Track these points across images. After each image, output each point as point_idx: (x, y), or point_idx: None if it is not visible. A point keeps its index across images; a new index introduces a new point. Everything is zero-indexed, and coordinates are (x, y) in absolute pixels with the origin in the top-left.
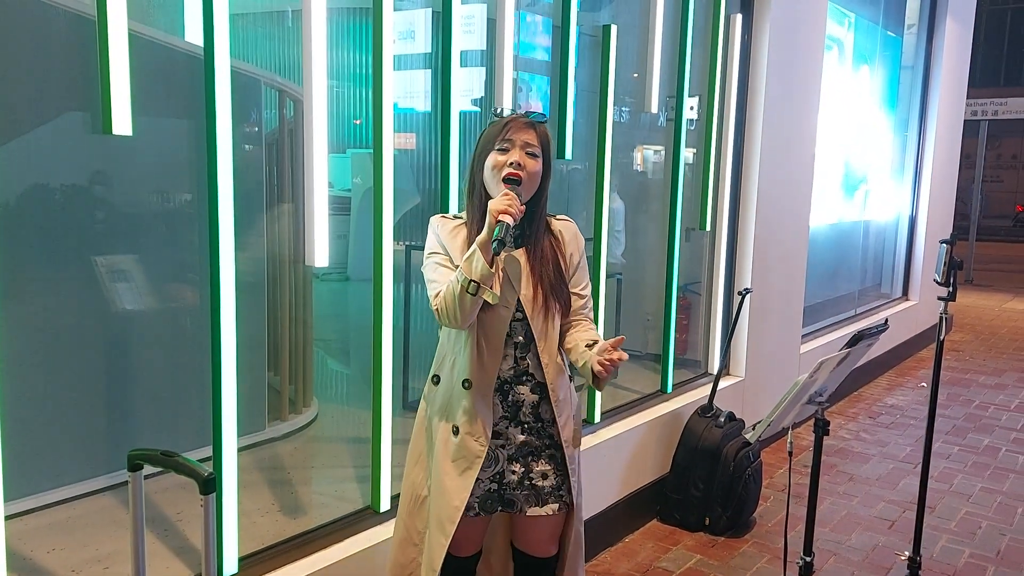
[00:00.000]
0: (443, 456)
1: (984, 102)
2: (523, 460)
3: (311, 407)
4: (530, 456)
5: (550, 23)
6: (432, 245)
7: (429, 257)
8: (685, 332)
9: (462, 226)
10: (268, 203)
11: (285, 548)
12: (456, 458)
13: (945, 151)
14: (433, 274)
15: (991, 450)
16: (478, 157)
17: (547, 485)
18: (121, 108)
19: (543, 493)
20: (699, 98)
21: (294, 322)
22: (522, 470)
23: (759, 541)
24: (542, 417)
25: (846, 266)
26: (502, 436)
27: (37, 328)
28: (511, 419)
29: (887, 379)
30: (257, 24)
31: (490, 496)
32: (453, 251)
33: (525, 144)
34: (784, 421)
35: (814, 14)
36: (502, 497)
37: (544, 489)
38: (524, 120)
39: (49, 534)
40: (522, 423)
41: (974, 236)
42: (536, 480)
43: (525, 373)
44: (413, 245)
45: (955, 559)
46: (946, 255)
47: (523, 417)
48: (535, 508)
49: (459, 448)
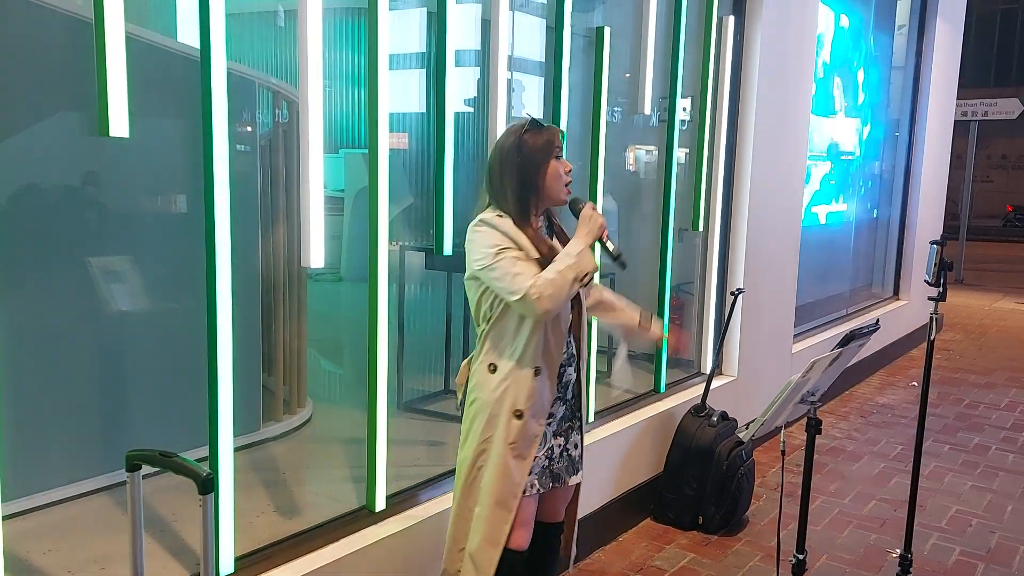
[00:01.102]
0: (504, 439)
1: (974, 103)
2: (564, 434)
3: (305, 407)
4: (568, 429)
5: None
6: (499, 240)
7: (501, 252)
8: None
9: (514, 223)
10: (262, 204)
11: (281, 548)
12: (517, 440)
13: (936, 151)
14: (514, 267)
15: (981, 448)
16: (532, 162)
17: (577, 454)
18: (118, 110)
19: (575, 461)
20: (691, 99)
21: (288, 322)
22: (563, 442)
23: (752, 540)
24: (576, 392)
25: (837, 266)
26: (550, 415)
27: (32, 329)
28: (560, 398)
29: (878, 378)
30: (251, 25)
31: (544, 472)
32: (525, 246)
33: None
34: (777, 420)
35: (805, 16)
36: (552, 472)
37: (575, 458)
38: (559, 129)
39: (45, 535)
40: (567, 400)
41: (964, 236)
42: (571, 450)
43: (571, 355)
44: (407, 245)
45: (946, 557)
46: (936, 256)
47: (568, 395)
48: (573, 477)
49: (521, 430)
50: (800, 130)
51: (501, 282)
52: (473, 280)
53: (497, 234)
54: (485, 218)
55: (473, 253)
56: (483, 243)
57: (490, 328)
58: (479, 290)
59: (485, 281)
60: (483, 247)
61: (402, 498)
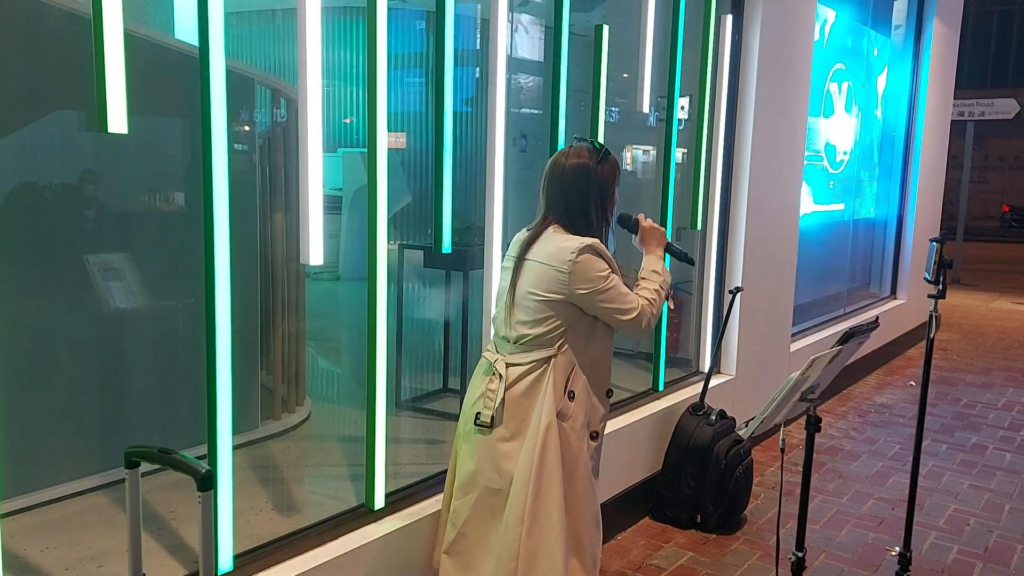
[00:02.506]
0: (585, 461)
1: (971, 103)
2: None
3: (304, 406)
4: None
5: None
6: (607, 265)
7: (610, 276)
8: (676, 331)
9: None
10: (261, 202)
11: (280, 546)
12: (595, 461)
13: (933, 151)
14: (623, 290)
15: (979, 448)
16: (607, 191)
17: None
18: (116, 106)
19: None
20: (690, 98)
21: (286, 321)
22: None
23: (750, 538)
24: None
25: (835, 265)
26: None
27: (29, 327)
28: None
29: (876, 378)
30: (250, 23)
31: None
32: (616, 269)
33: None
34: (777, 418)
35: (804, 14)
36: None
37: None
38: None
39: (43, 532)
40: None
41: (961, 236)
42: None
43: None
44: (405, 244)
45: (944, 556)
46: (936, 253)
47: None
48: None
49: (596, 451)
50: (798, 129)
51: (611, 303)
52: (550, 302)
53: (601, 262)
54: (593, 244)
55: (580, 276)
56: (594, 268)
57: (559, 358)
58: (547, 308)
59: (587, 306)
60: (593, 272)
61: (401, 496)
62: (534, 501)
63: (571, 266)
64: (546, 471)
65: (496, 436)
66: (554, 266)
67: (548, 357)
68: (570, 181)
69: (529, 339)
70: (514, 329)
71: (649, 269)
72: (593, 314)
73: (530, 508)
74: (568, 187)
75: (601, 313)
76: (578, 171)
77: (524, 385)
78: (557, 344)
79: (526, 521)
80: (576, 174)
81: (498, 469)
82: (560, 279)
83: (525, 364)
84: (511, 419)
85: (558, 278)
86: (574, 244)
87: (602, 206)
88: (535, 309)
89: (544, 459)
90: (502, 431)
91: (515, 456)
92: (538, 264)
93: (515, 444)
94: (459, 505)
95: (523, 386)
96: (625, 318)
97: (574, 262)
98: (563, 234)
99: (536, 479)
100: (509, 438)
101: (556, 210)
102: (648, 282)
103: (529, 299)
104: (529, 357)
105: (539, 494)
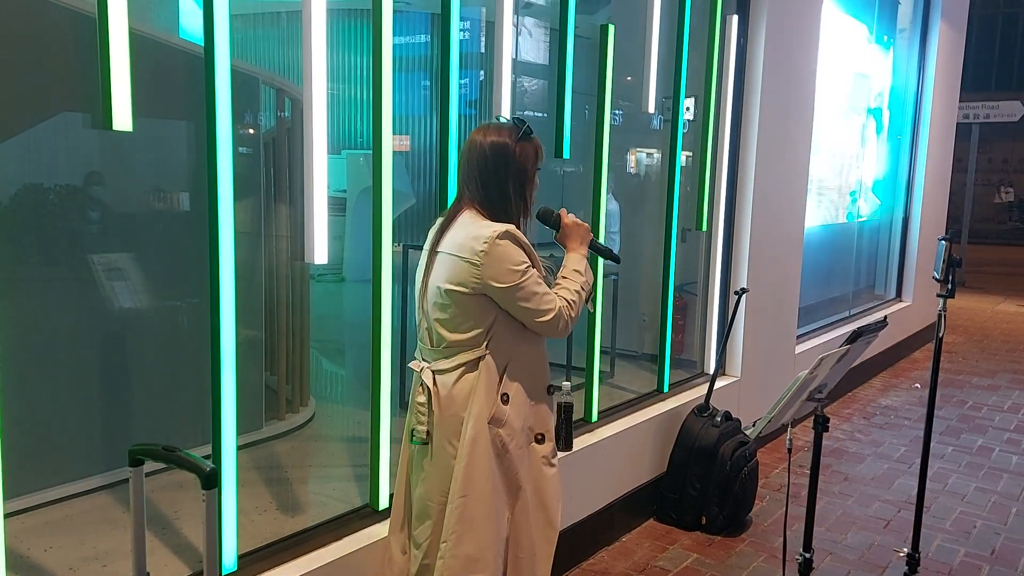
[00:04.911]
0: (539, 463)
1: (975, 105)
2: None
3: (308, 406)
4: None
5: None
6: (525, 257)
7: (528, 271)
8: (681, 332)
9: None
10: (265, 202)
11: (284, 546)
12: (549, 460)
13: (938, 154)
14: (540, 287)
15: (985, 450)
16: (525, 172)
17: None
18: (122, 103)
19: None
20: (695, 99)
21: (291, 321)
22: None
23: (755, 540)
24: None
25: (840, 268)
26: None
27: (33, 326)
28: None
29: (881, 380)
30: (256, 25)
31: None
32: (536, 262)
33: None
34: (784, 417)
35: (809, 15)
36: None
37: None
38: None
39: (46, 532)
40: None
41: (966, 239)
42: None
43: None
44: (410, 245)
45: (950, 558)
46: (945, 252)
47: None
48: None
49: (551, 450)
50: (804, 130)
51: (527, 302)
52: (461, 293)
53: (518, 251)
54: (510, 230)
55: (494, 268)
56: (510, 259)
57: (493, 360)
58: (463, 304)
59: (502, 302)
60: (510, 264)
61: None
62: (458, 521)
63: (484, 257)
64: (475, 487)
65: (445, 453)
66: (465, 257)
67: (476, 359)
68: (487, 160)
69: (451, 342)
70: (434, 332)
71: (570, 268)
72: (508, 311)
73: (454, 527)
74: (484, 166)
75: (516, 311)
76: (495, 148)
77: (456, 393)
78: (484, 343)
79: (450, 540)
80: (494, 152)
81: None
82: (473, 271)
83: (452, 370)
84: (452, 433)
85: (470, 270)
86: (486, 232)
87: (521, 189)
88: (452, 307)
89: (470, 475)
90: (447, 447)
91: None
92: (448, 256)
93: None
94: (418, 534)
95: (455, 394)
96: (541, 319)
97: (487, 253)
98: (478, 220)
99: (462, 496)
100: (455, 454)
101: (471, 191)
102: (569, 282)
103: (444, 296)
104: (454, 361)
105: (464, 514)
